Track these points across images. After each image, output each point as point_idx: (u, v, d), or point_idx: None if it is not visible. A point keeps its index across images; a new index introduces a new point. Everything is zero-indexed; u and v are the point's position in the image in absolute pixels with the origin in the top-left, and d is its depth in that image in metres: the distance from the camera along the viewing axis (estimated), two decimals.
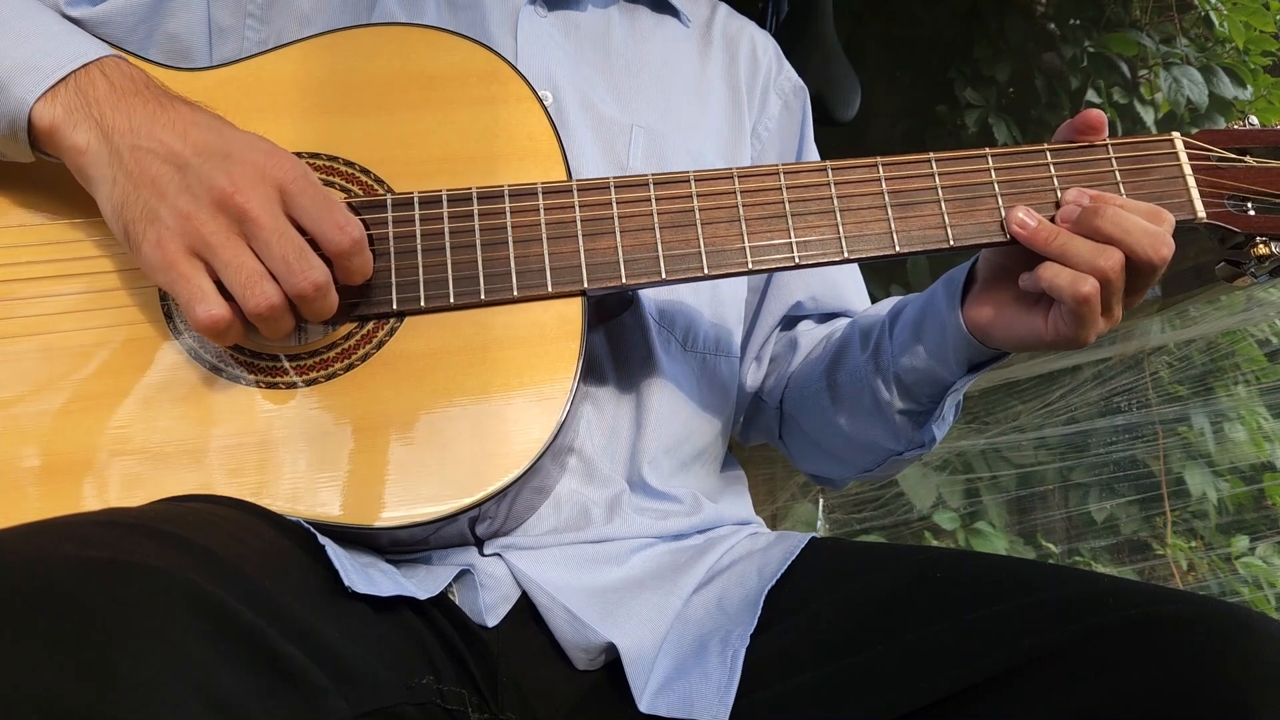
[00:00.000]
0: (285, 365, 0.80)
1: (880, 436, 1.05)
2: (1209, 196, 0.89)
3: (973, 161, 0.88)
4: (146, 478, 0.75)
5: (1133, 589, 0.73)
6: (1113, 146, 0.89)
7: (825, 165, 0.88)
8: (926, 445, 1.04)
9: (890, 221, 0.86)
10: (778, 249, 0.86)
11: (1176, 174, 0.89)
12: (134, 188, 0.74)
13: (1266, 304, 3.15)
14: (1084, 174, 0.88)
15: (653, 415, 0.96)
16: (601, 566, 0.88)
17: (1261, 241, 0.88)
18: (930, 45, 3.56)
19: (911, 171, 0.87)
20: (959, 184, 0.87)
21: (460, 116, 0.88)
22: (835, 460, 1.13)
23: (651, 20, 1.14)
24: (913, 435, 1.03)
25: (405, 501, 0.77)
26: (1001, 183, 0.87)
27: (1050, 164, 0.88)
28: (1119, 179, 0.88)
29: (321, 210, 0.76)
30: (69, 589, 0.53)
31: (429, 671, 0.73)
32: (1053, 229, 0.85)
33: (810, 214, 0.86)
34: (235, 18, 0.98)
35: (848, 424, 1.06)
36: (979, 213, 0.87)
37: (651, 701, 0.77)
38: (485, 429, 0.79)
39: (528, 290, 0.83)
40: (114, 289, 0.80)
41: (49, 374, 0.77)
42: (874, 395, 1.02)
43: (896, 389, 1.00)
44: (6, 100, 0.76)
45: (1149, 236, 0.83)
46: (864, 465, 1.10)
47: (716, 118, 1.12)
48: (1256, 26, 3.53)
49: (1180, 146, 0.90)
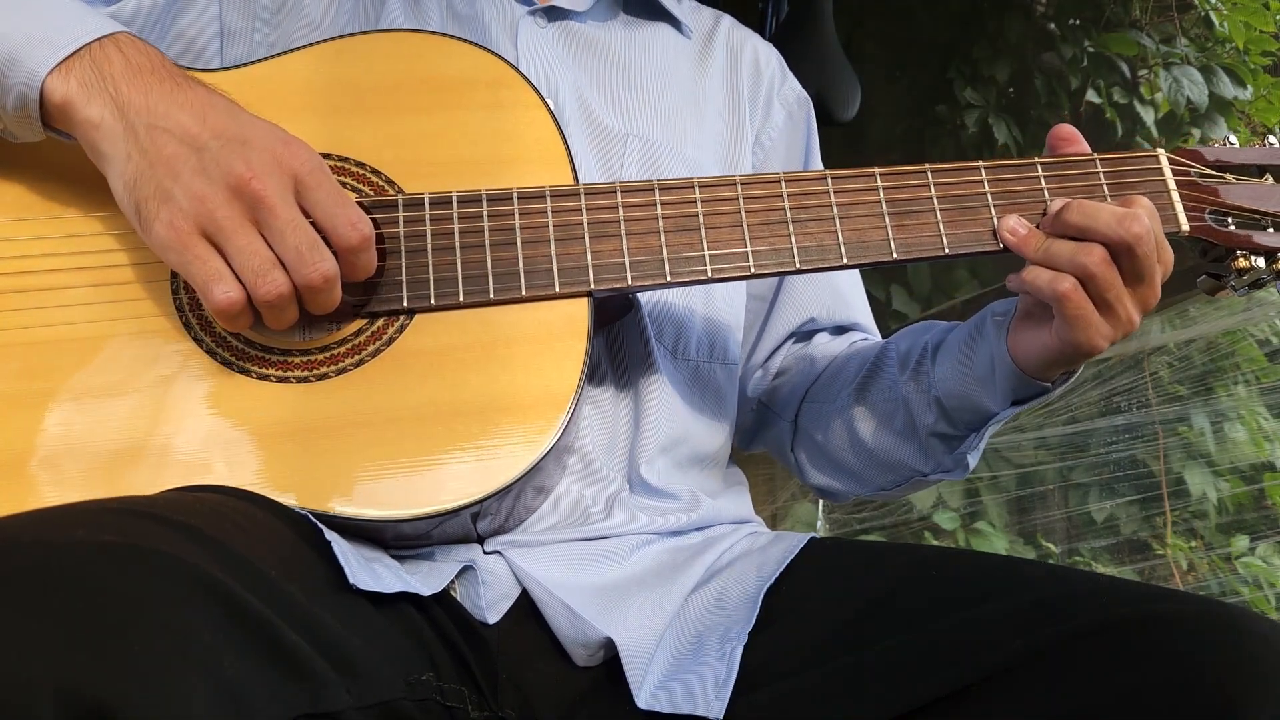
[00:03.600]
0: (296, 360, 0.81)
1: (908, 457, 1.05)
2: (1191, 210, 0.92)
3: (966, 173, 0.91)
4: (157, 468, 0.75)
5: (1126, 588, 0.74)
6: (1100, 161, 0.93)
7: (825, 174, 0.90)
8: (955, 471, 1.04)
9: (888, 229, 0.89)
10: (779, 254, 0.88)
11: (1161, 188, 0.92)
12: (149, 166, 0.74)
13: (1266, 304, 3.14)
14: (1073, 187, 0.91)
15: (650, 416, 0.97)
16: (601, 563, 0.89)
17: (1241, 255, 0.91)
18: (930, 45, 3.56)
19: (907, 182, 0.90)
20: (953, 194, 0.90)
21: (469, 120, 0.89)
22: (852, 477, 1.13)
23: (651, 31, 1.15)
24: (942, 459, 1.03)
25: (410, 496, 0.77)
26: (994, 194, 0.90)
27: (1041, 176, 0.91)
28: (1106, 192, 0.91)
29: (336, 204, 0.76)
30: (82, 572, 0.53)
31: (429, 668, 0.73)
32: (1039, 235, 0.88)
33: (811, 220, 0.88)
34: (245, 21, 0.99)
35: (874, 442, 1.06)
36: (972, 222, 0.90)
37: (650, 697, 0.78)
38: (491, 425, 0.80)
39: (536, 290, 0.84)
40: (126, 282, 0.81)
41: (60, 366, 0.77)
42: (909, 416, 1.02)
43: (937, 411, 1.00)
44: (18, 73, 0.75)
45: (1114, 216, 0.84)
46: (882, 484, 1.10)
47: (716, 126, 1.13)
48: (1256, 26, 3.54)
49: (1165, 162, 0.93)
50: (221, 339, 0.81)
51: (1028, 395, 0.95)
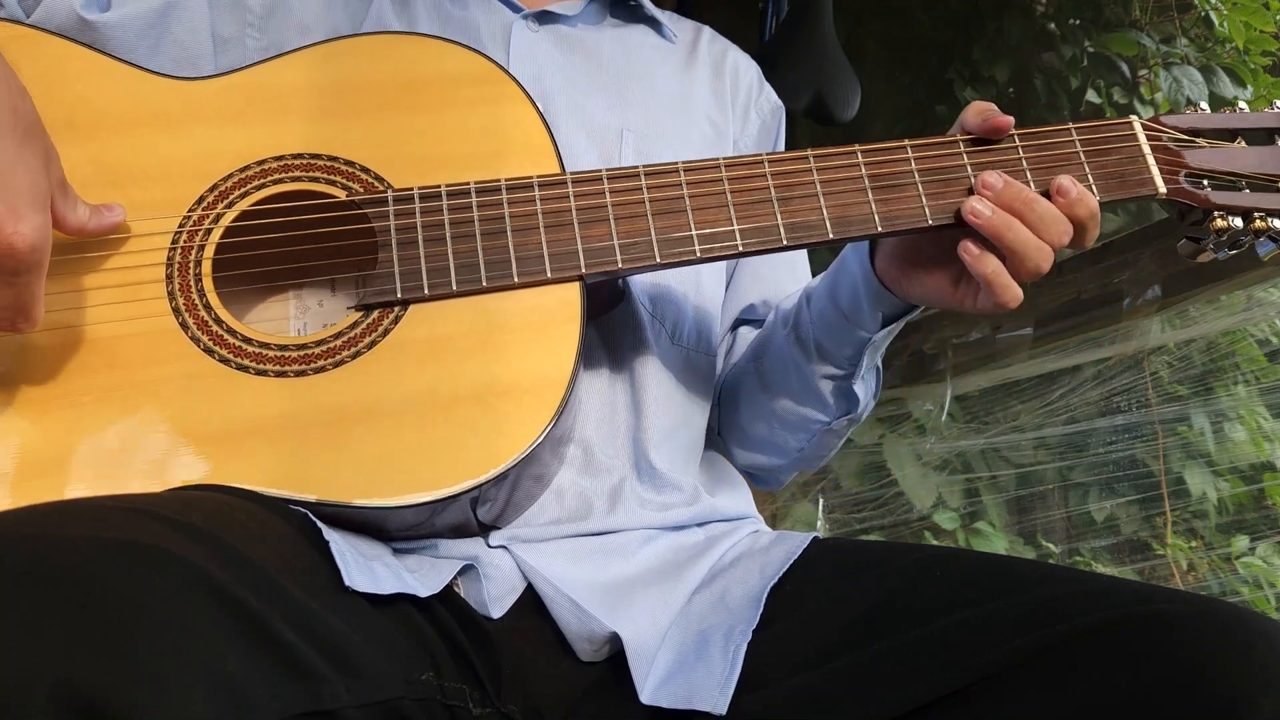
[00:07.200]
0: (293, 355, 0.81)
1: (810, 410, 1.08)
2: (1167, 174, 0.94)
3: (946, 147, 0.92)
4: (158, 466, 0.75)
5: (1127, 587, 0.74)
6: (1076, 130, 0.94)
7: (807, 153, 0.92)
8: (854, 411, 1.07)
9: (871, 203, 0.90)
10: (766, 231, 0.89)
11: (1137, 153, 0.94)
12: None
13: (1266, 304, 3.14)
14: (1051, 155, 0.92)
15: (649, 402, 0.98)
16: (606, 559, 0.89)
17: (1219, 216, 0.92)
18: (930, 45, 3.56)
19: (888, 157, 0.92)
20: (934, 167, 0.91)
21: (456, 117, 0.90)
22: (769, 446, 1.15)
23: (639, 35, 1.18)
24: (837, 401, 1.06)
25: (412, 481, 0.78)
26: (973, 165, 0.91)
27: (1019, 147, 0.92)
28: (1084, 159, 0.93)
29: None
30: (80, 568, 0.54)
31: (429, 667, 0.73)
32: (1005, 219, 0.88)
33: (796, 198, 0.90)
34: (237, 28, 1.00)
35: (777, 405, 1.09)
36: (955, 193, 0.91)
37: (653, 694, 0.78)
38: (490, 409, 0.81)
39: (528, 277, 0.85)
40: (120, 285, 0.81)
41: (58, 368, 0.78)
42: (798, 369, 1.05)
43: (818, 355, 1.03)
44: None
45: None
46: (796, 445, 1.13)
47: (703, 125, 1.16)
48: (1256, 26, 3.54)
49: (1139, 128, 0.95)
50: (219, 337, 0.81)
51: (896, 314, 0.98)
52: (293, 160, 0.87)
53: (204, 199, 0.85)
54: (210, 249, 0.83)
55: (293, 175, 0.87)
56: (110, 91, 0.87)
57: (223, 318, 0.81)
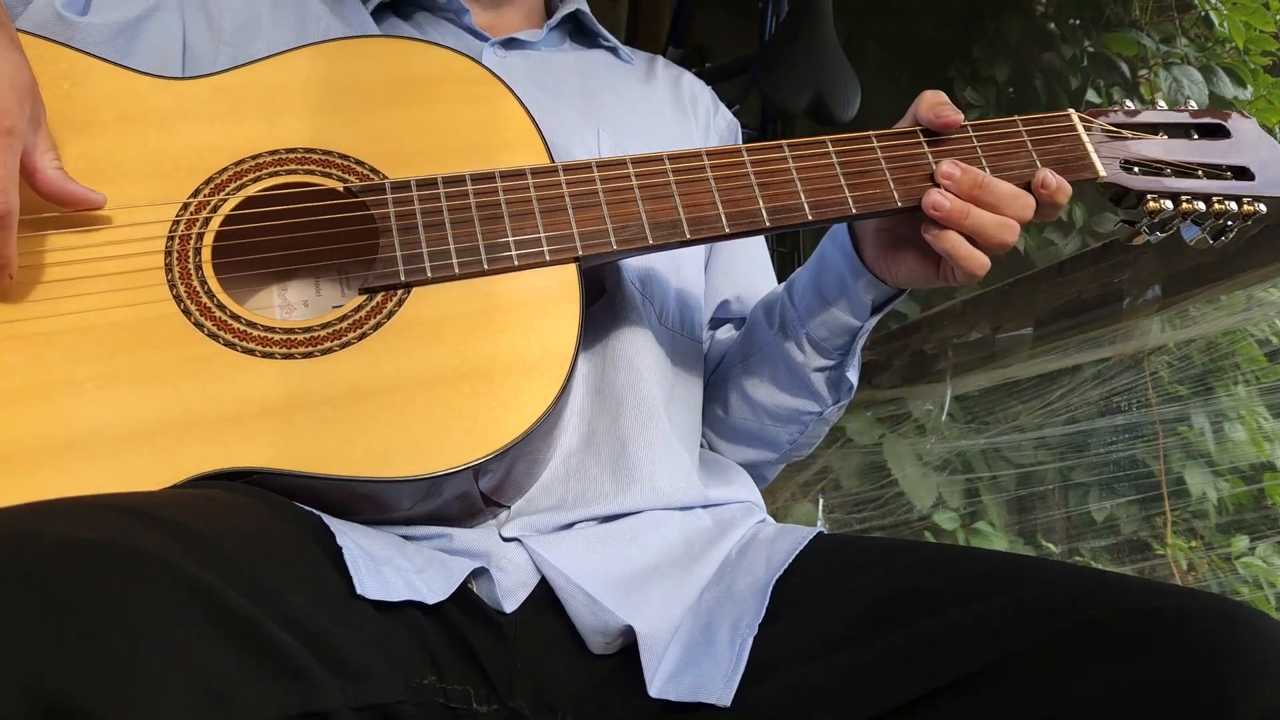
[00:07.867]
0: (299, 338, 0.82)
1: (802, 403, 1.12)
2: (1104, 161, 1.04)
3: (908, 138, 1.00)
4: (168, 452, 0.76)
5: (1130, 583, 0.74)
6: (1022, 121, 1.03)
7: (782, 143, 0.99)
8: (844, 395, 1.11)
9: (845, 190, 0.97)
10: (750, 215, 0.94)
11: (1077, 142, 1.03)
12: None
13: (1266, 304, 3.14)
14: (1003, 144, 1.01)
15: (647, 377, 1.00)
16: (617, 547, 0.90)
17: (1152, 198, 1.02)
18: (930, 45, 3.57)
19: (857, 147, 0.99)
20: (898, 156, 0.99)
21: (446, 113, 0.93)
22: (760, 440, 1.18)
23: (599, 57, 1.27)
24: (830, 391, 1.10)
25: (422, 456, 0.79)
26: (933, 154, 0.99)
27: (973, 137, 1.01)
28: (1030, 147, 1.01)
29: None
30: (56, 569, 0.53)
31: (431, 672, 0.73)
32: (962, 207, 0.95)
33: (774, 184, 0.96)
34: (211, 45, 1.02)
35: (769, 401, 1.13)
36: (917, 179, 0.98)
37: (661, 687, 0.78)
38: (497, 384, 0.83)
39: (527, 260, 0.88)
40: (120, 272, 0.81)
41: (61, 357, 0.78)
42: (787, 362, 1.09)
43: (810, 347, 1.07)
44: None
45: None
46: (788, 438, 1.17)
47: (669, 128, 1.22)
48: (1256, 26, 3.54)
49: (1077, 120, 1.05)
50: (223, 322, 0.81)
51: (884, 300, 1.05)
52: (287, 154, 0.88)
53: (199, 192, 0.85)
54: (210, 237, 0.84)
55: (288, 169, 0.88)
56: (100, 90, 0.87)
57: (225, 303, 0.82)
